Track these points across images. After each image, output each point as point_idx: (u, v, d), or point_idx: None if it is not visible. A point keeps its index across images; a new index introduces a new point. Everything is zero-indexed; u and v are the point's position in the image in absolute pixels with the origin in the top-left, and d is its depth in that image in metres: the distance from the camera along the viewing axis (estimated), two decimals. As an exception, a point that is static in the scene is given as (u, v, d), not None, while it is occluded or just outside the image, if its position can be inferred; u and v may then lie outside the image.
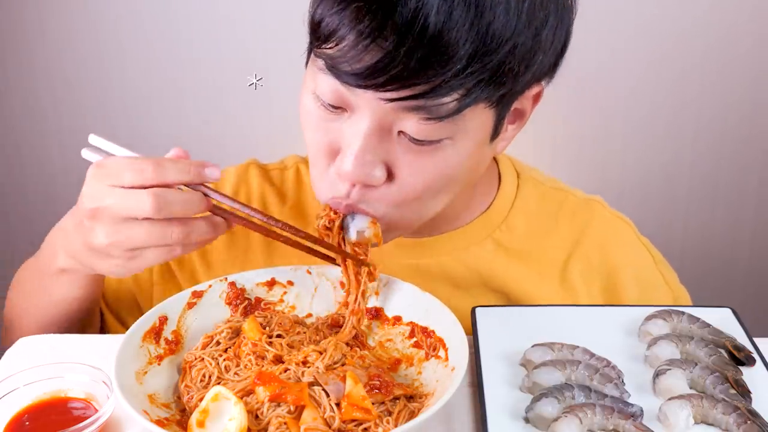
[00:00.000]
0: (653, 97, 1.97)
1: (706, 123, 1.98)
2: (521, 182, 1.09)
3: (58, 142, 1.99)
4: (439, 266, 1.04)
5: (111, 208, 0.80)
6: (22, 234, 2.04)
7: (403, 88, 0.79)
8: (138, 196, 0.79)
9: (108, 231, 0.81)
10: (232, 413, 0.76)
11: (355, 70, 0.79)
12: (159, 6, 1.90)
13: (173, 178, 0.81)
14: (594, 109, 1.97)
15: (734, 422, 0.78)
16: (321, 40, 0.81)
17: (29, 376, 0.85)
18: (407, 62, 0.77)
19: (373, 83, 0.79)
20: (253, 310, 0.93)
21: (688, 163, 2.02)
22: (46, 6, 1.90)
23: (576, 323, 0.94)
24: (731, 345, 0.89)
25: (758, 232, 2.07)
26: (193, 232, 0.82)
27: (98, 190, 0.81)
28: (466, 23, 0.77)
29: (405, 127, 0.83)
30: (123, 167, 0.80)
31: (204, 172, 0.83)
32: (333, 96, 0.84)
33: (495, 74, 0.80)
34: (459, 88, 0.79)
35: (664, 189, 2.01)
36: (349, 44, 0.79)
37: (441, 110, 0.81)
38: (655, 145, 2.00)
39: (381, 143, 0.84)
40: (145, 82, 1.94)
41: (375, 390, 0.80)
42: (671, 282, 1.11)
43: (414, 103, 0.80)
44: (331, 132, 0.87)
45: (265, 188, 1.11)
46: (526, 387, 0.84)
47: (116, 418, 0.82)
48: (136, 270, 0.86)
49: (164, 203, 0.79)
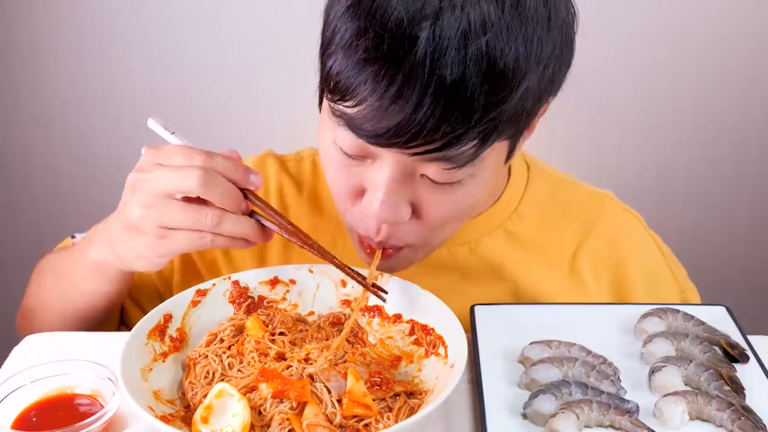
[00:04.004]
0: (648, 96, 1.97)
1: (702, 122, 1.99)
2: (531, 174, 1.10)
3: (64, 143, 1.99)
4: (450, 256, 1.06)
5: (154, 181, 0.83)
6: (29, 234, 2.03)
7: (425, 144, 0.80)
8: (185, 172, 0.82)
9: (145, 201, 0.84)
10: (236, 409, 0.77)
11: (376, 131, 0.80)
12: (165, 8, 1.91)
13: (221, 168, 0.84)
14: (589, 109, 1.97)
15: (728, 418, 0.79)
16: (338, 95, 0.82)
17: (36, 373, 0.86)
18: (427, 120, 0.78)
19: (396, 142, 0.80)
20: (256, 308, 0.94)
21: (683, 161, 2.02)
22: (53, 8, 1.90)
23: (573, 321, 0.95)
24: (725, 342, 0.90)
25: (753, 231, 2.07)
26: (226, 223, 0.84)
27: (146, 166, 0.85)
28: (479, 76, 0.77)
29: (427, 172, 0.85)
30: (176, 151, 0.84)
31: (249, 176, 0.86)
32: (354, 149, 0.85)
33: (511, 117, 0.82)
34: (478, 135, 0.81)
35: (659, 188, 2.01)
36: (370, 107, 0.79)
37: (461, 158, 0.83)
38: (650, 144, 2.00)
39: (405, 186, 0.86)
40: (150, 83, 1.94)
41: (376, 386, 0.81)
42: (679, 277, 1.12)
43: (435, 155, 0.82)
44: (354, 176, 0.88)
45: (282, 178, 1.12)
46: (524, 383, 0.85)
47: (122, 414, 0.83)
48: (165, 255, 0.87)
49: (210, 181, 0.82)
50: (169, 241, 0.85)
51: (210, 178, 0.82)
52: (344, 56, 0.80)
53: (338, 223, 1.07)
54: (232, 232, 0.84)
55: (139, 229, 0.85)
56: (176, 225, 0.84)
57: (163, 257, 0.88)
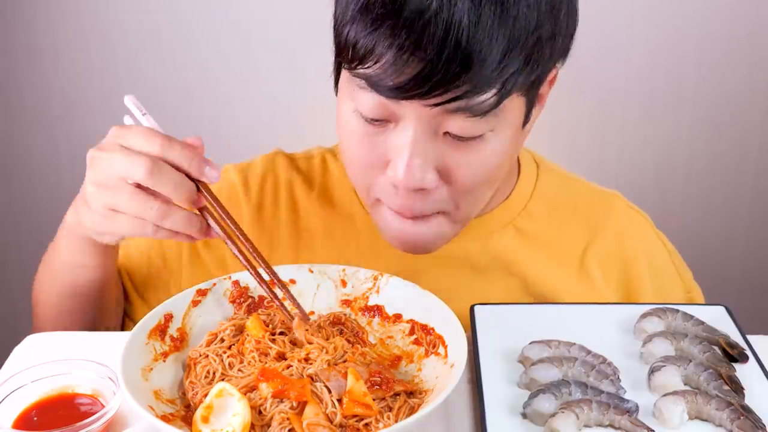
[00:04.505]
0: (648, 94, 1.97)
1: (701, 120, 1.99)
2: (540, 172, 1.12)
3: (67, 142, 2.00)
4: (462, 252, 1.06)
5: (108, 162, 0.84)
6: (30, 234, 2.03)
7: (446, 92, 0.82)
8: (136, 159, 0.83)
9: (97, 180, 0.85)
10: (236, 409, 0.77)
11: (398, 84, 0.82)
12: (169, 8, 1.91)
13: (175, 158, 0.84)
14: (588, 107, 1.97)
15: (728, 418, 0.79)
16: (357, 60, 0.84)
17: (37, 373, 0.86)
18: (447, 68, 0.80)
19: (417, 93, 0.82)
20: (256, 307, 0.94)
21: (683, 160, 2.02)
22: (57, 7, 1.90)
23: (573, 321, 0.95)
24: (725, 342, 0.90)
25: (752, 230, 2.07)
26: (170, 218, 0.85)
27: (107, 145, 0.86)
28: (495, 23, 0.81)
29: (450, 128, 0.86)
30: (138, 133, 0.85)
31: (204, 169, 0.85)
32: (376, 110, 0.87)
33: (527, 64, 0.85)
34: (497, 82, 0.83)
35: (658, 187, 2.02)
36: (389, 61, 0.81)
37: (482, 107, 0.84)
38: (649, 143, 2.01)
39: (429, 147, 0.87)
40: (155, 84, 1.94)
41: (376, 386, 0.81)
42: (685, 277, 1.13)
43: (456, 105, 0.83)
44: (378, 146, 0.89)
45: (292, 175, 1.13)
46: (523, 383, 0.86)
47: (122, 414, 0.83)
48: (110, 234, 0.89)
49: (158, 172, 0.82)
50: (113, 222, 0.87)
51: (158, 169, 0.83)
52: (360, 19, 0.83)
53: (350, 220, 1.09)
54: (173, 227, 0.85)
55: (89, 206, 0.87)
56: (122, 209, 0.85)
57: (108, 236, 0.90)
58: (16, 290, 1.96)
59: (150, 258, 1.11)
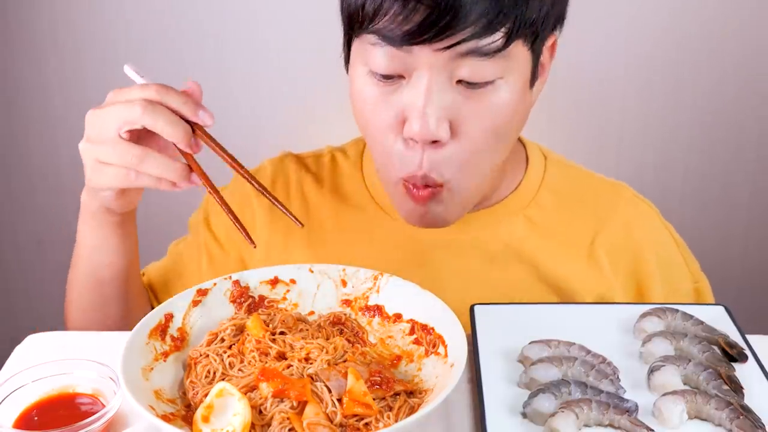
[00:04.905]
0: (646, 94, 1.97)
1: (699, 121, 1.99)
2: (548, 164, 1.13)
3: (67, 142, 1.99)
4: (474, 241, 1.08)
5: (103, 116, 0.89)
6: (30, 234, 2.04)
7: (455, 33, 0.84)
8: (131, 103, 0.88)
9: (90, 136, 0.91)
10: (237, 408, 0.77)
11: (408, 30, 0.85)
12: (170, 7, 1.91)
13: (170, 101, 0.89)
14: (587, 106, 1.97)
15: (727, 417, 0.79)
16: (367, 20, 0.87)
17: (38, 373, 0.86)
18: (455, 9, 0.83)
19: (428, 37, 0.85)
20: (256, 307, 0.94)
21: (681, 160, 2.02)
22: (58, 6, 1.90)
23: (572, 321, 0.95)
24: (724, 342, 0.90)
25: (751, 230, 2.07)
26: (148, 161, 0.88)
27: (105, 103, 0.91)
28: None
29: (461, 74, 0.88)
30: (134, 88, 0.90)
31: (198, 111, 0.90)
32: (389, 64, 0.89)
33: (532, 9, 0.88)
34: (505, 22, 0.86)
35: (656, 186, 2.02)
36: (396, 11, 0.85)
37: (491, 47, 0.87)
38: (648, 143, 2.01)
39: (442, 96, 0.89)
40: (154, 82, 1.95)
41: (376, 386, 0.81)
42: (692, 267, 1.14)
43: (466, 47, 0.86)
44: (393, 105, 0.91)
45: (302, 175, 1.14)
46: (523, 383, 0.86)
47: (123, 414, 0.84)
48: (102, 189, 0.94)
49: (152, 111, 0.87)
50: (101, 175, 0.91)
51: (152, 108, 0.87)
52: None
53: (362, 213, 1.09)
54: (152, 172, 0.88)
55: (84, 162, 0.92)
56: (107, 160, 0.89)
57: (101, 191, 0.94)
58: (16, 290, 1.96)
59: (167, 273, 1.15)
